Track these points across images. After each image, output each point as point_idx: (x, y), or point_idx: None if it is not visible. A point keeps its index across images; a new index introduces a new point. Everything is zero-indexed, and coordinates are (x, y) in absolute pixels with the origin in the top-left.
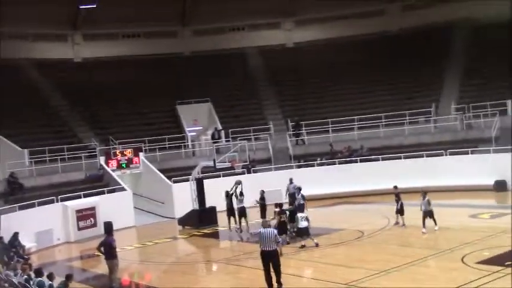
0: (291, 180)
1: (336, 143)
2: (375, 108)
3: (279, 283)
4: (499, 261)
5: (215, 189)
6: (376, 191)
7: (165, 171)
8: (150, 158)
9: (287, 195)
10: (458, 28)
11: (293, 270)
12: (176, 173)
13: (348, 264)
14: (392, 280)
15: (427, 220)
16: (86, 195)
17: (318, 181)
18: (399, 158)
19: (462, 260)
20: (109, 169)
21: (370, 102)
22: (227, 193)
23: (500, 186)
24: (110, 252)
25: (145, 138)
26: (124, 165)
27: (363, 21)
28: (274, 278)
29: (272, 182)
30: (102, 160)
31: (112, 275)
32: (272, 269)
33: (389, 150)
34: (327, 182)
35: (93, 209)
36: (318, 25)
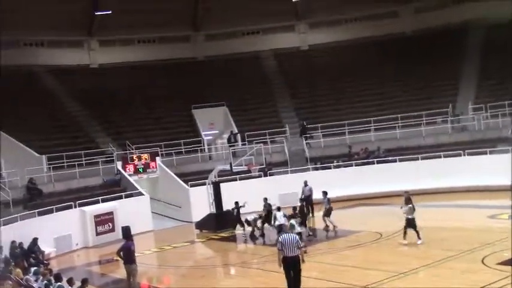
0: (305, 182)
1: (353, 144)
2: (391, 109)
3: None
4: None
5: (232, 192)
6: (393, 192)
7: (181, 176)
8: (167, 162)
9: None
10: (473, 28)
11: (311, 273)
12: (193, 177)
13: (366, 266)
14: (410, 282)
15: (409, 230)
16: (103, 200)
17: (334, 183)
18: (416, 159)
19: (482, 262)
20: (126, 174)
21: (386, 103)
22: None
23: None
24: (128, 256)
25: (161, 143)
26: (141, 170)
27: (377, 22)
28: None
29: (288, 184)
30: (119, 165)
31: (131, 279)
32: (293, 275)
33: (406, 151)
34: (343, 184)
35: (111, 213)
36: (332, 27)
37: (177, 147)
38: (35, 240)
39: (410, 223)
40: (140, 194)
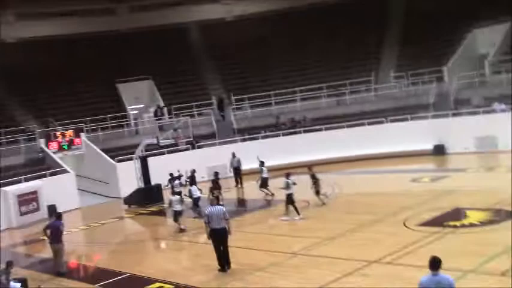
0: (233, 154)
1: (279, 115)
2: (317, 79)
3: (228, 262)
4: (439, 222)
5: (160, 166)
6: (320, 160)
7: (108, 151)
8: (92, 138)
9: (231, 169)
10: None
11: (240, 243)
12: (120, 152)
13: (294, 233)
14: (337, 246)
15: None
16: (27, 180)
17: (262, 154)
18: (342, 127)
19: (404, 224)
20: (50, 151)
21: (311, 73)
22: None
23: (439, 150)
24: (56, 236)
25: (86, 119)
26: (65, 147)
27: None
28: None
29: (217, 156)
30: (42, 143)
31: (58, 259)
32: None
33: (332, 120)
34: (271, 154)
35: (35, 193)
36: None
37: (102, 123)
38: None
39: (289, 199)
40: (65, 171)
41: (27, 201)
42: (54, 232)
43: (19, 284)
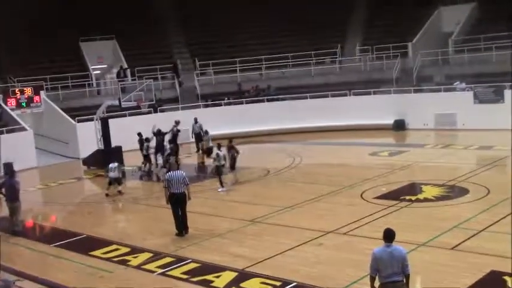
0: (195, 119)
1: (244, 82)
2: (282, 48)
3: (186, 228)
4: (395, 195)
5: (121, 128)
6: (282, 129)
7: (68, 111)
8: (53, 96)
9: (193, 135)
10: None
11: (200, 209)
12: (80, 112)
13: (253, 201)
14: (295, 215)
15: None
16: None
17: (225, 121)
18: (305, 98)
19: (361, 196)
20: (7, 108)
21: (277, 42)
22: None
23: (399, 126)
24: (12, 194)
25: (46, 76)
26: (24, 104)
27: None
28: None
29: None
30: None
31: (14, 217)
32: (180, 211)
33: (296, 90)
34: (234, 122)
35: None
36: None
37: (63, 81)
38: None
39: (219, 170)
40: (23, 129)
41: None
42: (9, 190)
43: None
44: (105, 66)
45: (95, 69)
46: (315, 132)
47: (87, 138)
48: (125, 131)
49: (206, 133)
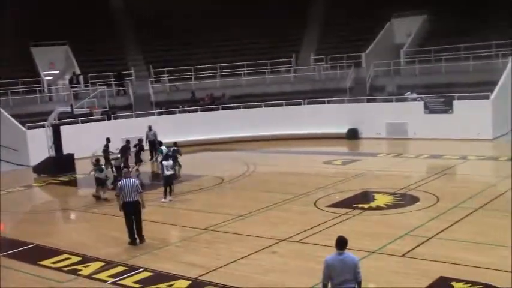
0: (150, 127)
1: (199, 90)
2: (238, 56)
3: (141, 237)
4: (348, 203)
5: (73, 135)
6: (237, 138)
7: (18, 117)
8: (2, 102)
9: (147, 142)
10: None
11: (153, 217)
12: (31, 118)
13: (207, 209)
14: (248, 224)
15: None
16: None
17: (179, 128)
18: (260, 106)
19: (315, 204)
20: None
21: (233, 50)
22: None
23: (352, 134)
24: None
25: None
26: None
27: None
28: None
29: (132, 128)
30: None
31: None
32: (134, 220)
33: (251, 99)
34: (188, 130)
35: None
36: None
37: (13, 87)
38: None
39: (166, 180)
40: None
41: None
42: None
43: None
44: (57, 72)
45: (46, 74)
46: (270, 140)
47: (38, 145)
48: (77, 139)
49: (160, 144)
